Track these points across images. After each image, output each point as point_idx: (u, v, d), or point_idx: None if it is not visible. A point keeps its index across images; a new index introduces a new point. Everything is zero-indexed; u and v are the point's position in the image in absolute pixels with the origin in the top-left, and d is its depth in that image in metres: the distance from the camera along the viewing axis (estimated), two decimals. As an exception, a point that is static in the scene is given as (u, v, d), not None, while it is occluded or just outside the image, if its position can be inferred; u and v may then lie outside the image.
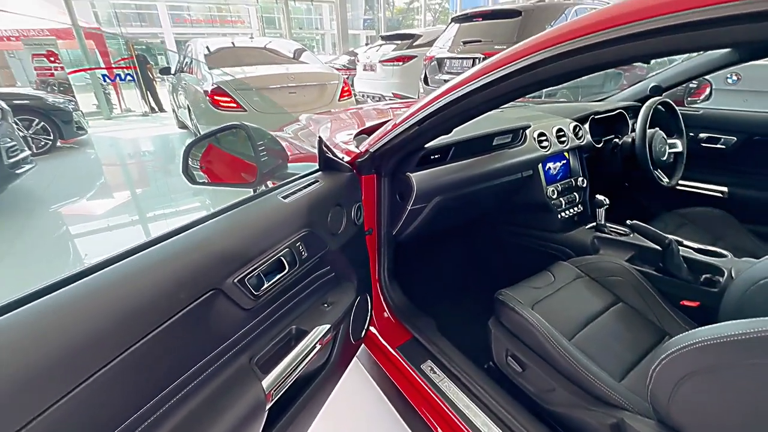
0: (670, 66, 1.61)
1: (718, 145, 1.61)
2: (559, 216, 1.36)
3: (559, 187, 1.38)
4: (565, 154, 1.41)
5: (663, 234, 1.05)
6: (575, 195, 1.41)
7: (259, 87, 3.54)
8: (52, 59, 7.32)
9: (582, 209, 1.43)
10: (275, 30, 12.73)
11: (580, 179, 1.43)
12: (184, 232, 0.56)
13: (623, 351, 0.92)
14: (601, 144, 1.51)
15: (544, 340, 0.88)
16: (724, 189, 1.58)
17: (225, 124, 0.85)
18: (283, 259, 0.67)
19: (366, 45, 8.73)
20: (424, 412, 1.02)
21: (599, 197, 1.26)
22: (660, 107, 1.44)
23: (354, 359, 1.42)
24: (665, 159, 1.41)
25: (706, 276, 1.02)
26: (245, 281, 0.59)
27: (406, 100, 4.84)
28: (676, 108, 1.47)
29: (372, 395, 1.30)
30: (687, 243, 1.12)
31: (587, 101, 1.89)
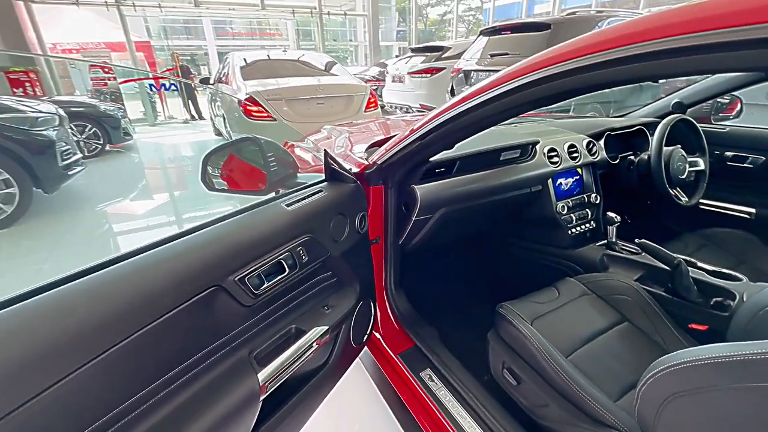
0: (694, 82, 1.57)
1: (745, 164, 1.54)
2: (570, 232, 1.35)
3: (570, 203, 1.37)
4: (578, 170, 1.40)
5: (672, 254, 1.03)
6: (587, 211, 1.40)
7: (289, 97, 3.70)
8: (106, 70, 7.93)
9: (595, 226, 1.41)
10: (310, 42, 13.18)
11: (593, 196, 1.41)
12: (192, 233, 0.62)
13: (623, 371, 0.90)
14: (618, 160, 1.49)
15: (539, 355, 0.88)
16: (751, 210, 1.51)
17: (243, 135, 0.93)
18: (284, 262, 0.72)
19: (396, 56, 8.85)
20: (420, 418, 1.04)
21: (610, 214, 1.24)
22: (680, 124, 1.41)
23: (358, 363, 1.46)
24: (684, 177, 1.38)
25: (716, 299, 0.98)
26: (245, 280, 0.64)
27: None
28: (696, 125, 1.43)
29: (373, 399, 1.34)
30: (701, 265, 1.09)
31: (616, 116, 1.86)
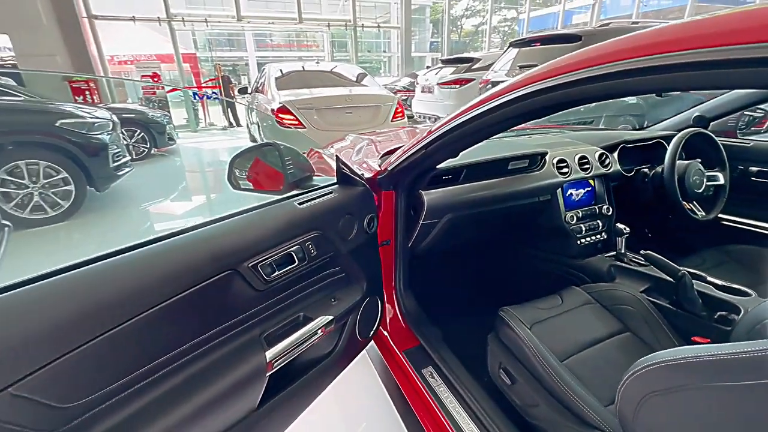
0: (717, 95, 1.55)
1: None
2: (579, 242, 1.36)
3: (580, 213, 1.38)
4: (591, 181, 1.42)
5: (676, 266, 1.03)
6: (599, 222, 1.41)
7: (319, 107, 3.87)
8: (155, 79, 8.53)
9: (606, 237, 1.41)
10: (345, 53, 13.57)
11: (605, 207, 1.42)
12: (213, 223, 0.72)
13: (618, 378, 0.91)
14: (633, 173, 1.49)
15: (532, 356, 0.91)
16: None
17: (266, 141, 1.03)
18: (294, 254, 0.81)
19: (427, 67, 8.96)
20: (418, 411, 1.09)
21: (620, 226, 1.25)
22: (697, 138, 1.40)
23: (366, 357, 1.53)
24: (701, 191, 1.36)
25: (721, 313, 0.98)
26: (258, 267, 0.73)
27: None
28: (715, 139, 1.41)
29: (377, 391, 1.41)
30: (711, 279, 1.08)
31: (637, 129, 1.85)
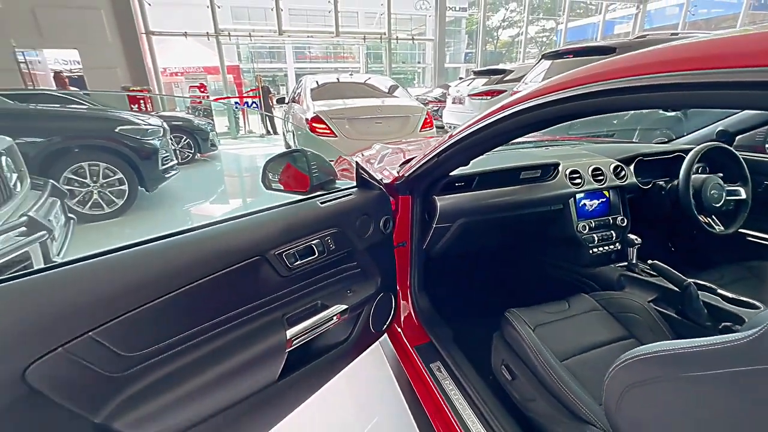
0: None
1: None
2: (591, 251, 1.39)
3: (593, 224, 1.41)
4: (605, 192, 1.45)
5: (682, 276, 1.06)
6: (612, 233, 1.43)
7: (351, 117, 4.04)
8: (202, 90, 9.14)
9: (620, 248, 1.43)
10: (380, 64, 13.90)
11: (620, 218, 1.44)
12: (245, 216, 0.85)
13: None
14: (650, 185, 1.50)
15: (532, 354, 0.97)
16: None
17: (295, 148, 1.16)
18: (314, 247, 0.92)
19: (460, 78, 9.03)
20: (425, 402, 1.17)
21: (631, 236, 1.28)
22: (717, 151, 1.40)
23: (380, 350, 1.63)
24: (720, 206, 1.35)
25: (725, 324, 1.00)
26: (283, 255, 0.85)
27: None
28: (736, 153, 1.40)
29: (388, 382, 1.51)
30: (721, 291, 1.09)
31: (658, 142, 1.85)
